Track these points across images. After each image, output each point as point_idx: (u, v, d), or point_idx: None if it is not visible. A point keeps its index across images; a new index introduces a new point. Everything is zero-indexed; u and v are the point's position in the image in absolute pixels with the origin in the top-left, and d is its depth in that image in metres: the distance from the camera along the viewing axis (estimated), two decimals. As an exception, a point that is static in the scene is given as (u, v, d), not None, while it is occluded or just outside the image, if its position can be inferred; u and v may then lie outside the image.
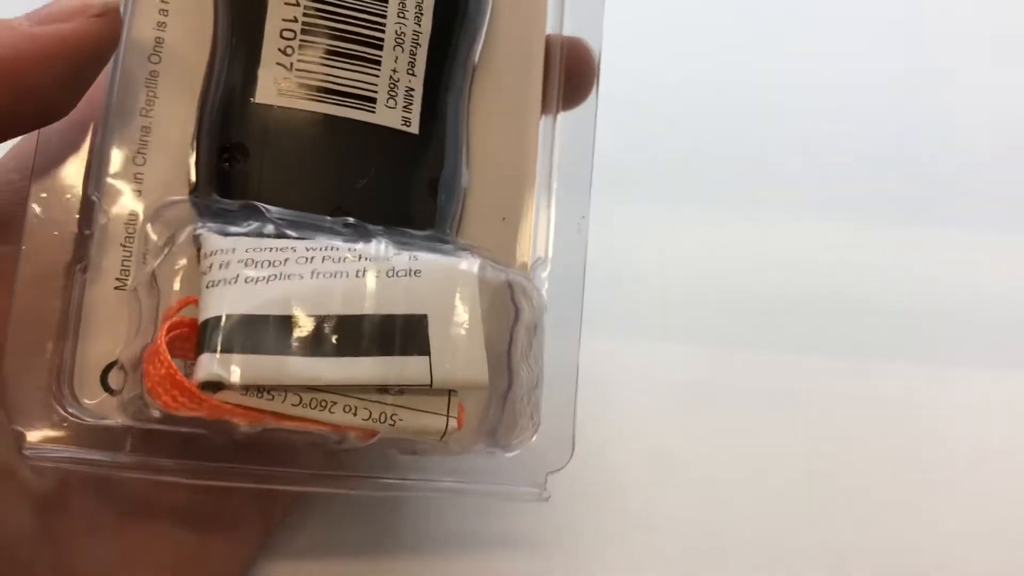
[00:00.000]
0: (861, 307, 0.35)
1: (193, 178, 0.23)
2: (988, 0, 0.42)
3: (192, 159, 0.23)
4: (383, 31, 0.24)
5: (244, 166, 0.23)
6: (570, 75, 0.27)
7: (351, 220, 0.23)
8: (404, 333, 0.20)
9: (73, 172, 0.22)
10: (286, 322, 0.20)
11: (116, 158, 0.23)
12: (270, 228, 0.22)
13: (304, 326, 0.20)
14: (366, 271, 0.21)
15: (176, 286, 0.21)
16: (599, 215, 0.27)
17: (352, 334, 0.20)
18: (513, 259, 0.25)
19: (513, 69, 0.26)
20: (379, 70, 0.24)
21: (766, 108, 0.37)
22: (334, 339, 0.20)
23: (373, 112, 0.24)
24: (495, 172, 0.26)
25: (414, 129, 0.24)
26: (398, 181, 0.24)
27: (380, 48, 0.24)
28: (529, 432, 0.23)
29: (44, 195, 0.22)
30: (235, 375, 0.19)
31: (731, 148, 0.37)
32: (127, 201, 0.22)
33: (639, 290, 0.33)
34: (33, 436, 0.21)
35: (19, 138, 0.23)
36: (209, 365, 0.19)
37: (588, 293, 0.25)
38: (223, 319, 0.19)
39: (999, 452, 0.33)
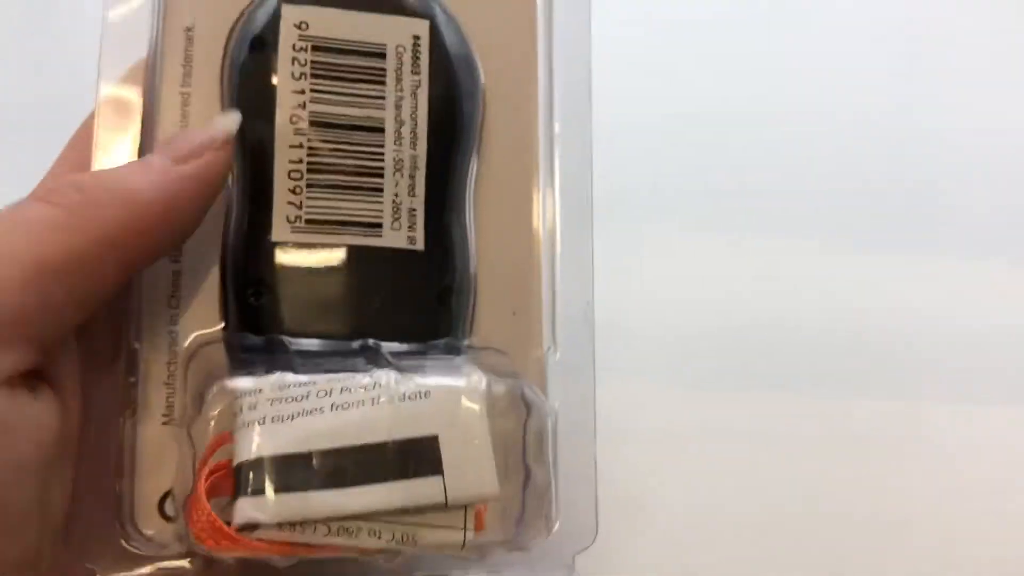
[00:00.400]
0: (856, 345, 0.35)
1: (223, 317, 0.25)
2: (984, 41, 0.42)
3: (220, 299, 0.25)
4: (382, 160, 0.26)
5: (267, 302, 0.25)
6: None
7: (370, 343, 0.25)
8: (417, 455, 0.22)
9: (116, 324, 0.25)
10: (309, 458, 0.22)
11: (152, 305, 0.25)
12: (295, 364, 0.24)
13: (325, 461, 0.22)
14: (379, 399, 0.23)
15: (211, 433, 0.23)
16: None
17: (369, 463, 0.22)
18: (526, 352, 0.27)
19: (510, 164, 0.28)
20: (382, 197, 0.26)
21: (761, 147, 0.38)
22: (353, 470, 0.22)
23: (380, 236, 0.25)
24: (502, 266, 0.28)
25: (420, 246, 0.26)
26: (410, 297, 0.26)
27: (381, 176, 0.26)
28: (544, 532, 0.25)
29: (92, 352, 0.24)
30: (269, 516, 0.21)
31: (722, 189, 0.38)
32: (166, 344, 0.25)
33: (623, 332, 0.34)
34: (103, 573, 0.23)
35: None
36: (244, 510, 0.21)
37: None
38: (253, 461, 0.22)
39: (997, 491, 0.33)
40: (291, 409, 0.23)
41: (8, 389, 0.20)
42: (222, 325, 0.25)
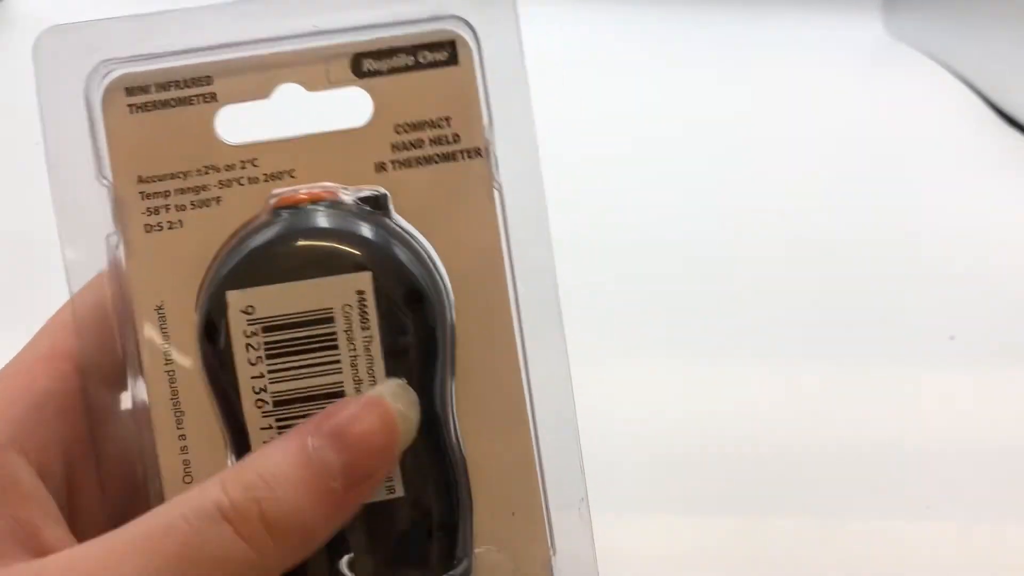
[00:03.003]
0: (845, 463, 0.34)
1: None
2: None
3: None
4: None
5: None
6: None
7: None
8: None
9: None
10: None
11: None
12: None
13: None
14: None
15: None
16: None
17: None
18: (530, 553, 0.28)
19: (489, 367, 0.28)
20: (354, 458, 0.27)
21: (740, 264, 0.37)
22: None
23: (359, 496, 0.27)
24: (497, 469, 0.28)
25: (400, 492, 0.27)
26: (400, 545, 0.27)
27: (349, 440, 0.27)
28: None
29: None
30: None
31: (700, 306, 0.37)
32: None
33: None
34: None
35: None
36: None
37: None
38: None
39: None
40: None
41: None
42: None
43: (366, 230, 0.27)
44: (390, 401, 0.25)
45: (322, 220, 0.27)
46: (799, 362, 0.38)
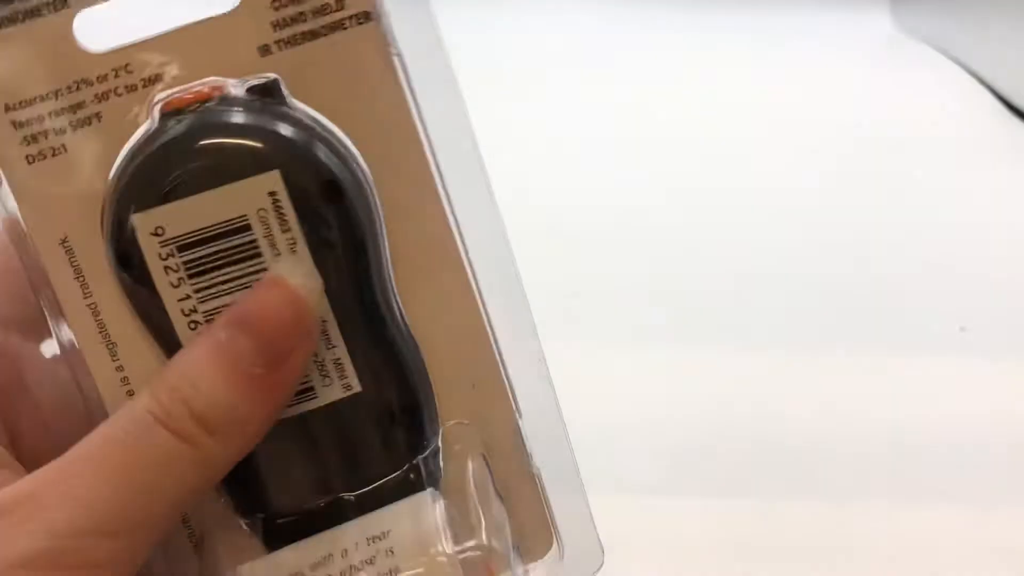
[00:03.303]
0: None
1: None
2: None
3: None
4: (289, 330, 0.26)
5: (248, 490, 0.27)
6: None
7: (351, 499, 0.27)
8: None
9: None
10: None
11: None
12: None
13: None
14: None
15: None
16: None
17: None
18: (496, 421, 0.28)
19: (425, 243, 0.27)
20: (304, 362, 0.26)
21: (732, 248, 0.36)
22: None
23: (316, 397, 0.26)
24: (449, 345, 0.28)
25: (357, 387, 0.27)
26: (366, 436, 0.27)
27: (293, 345, 0.26)
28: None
29: None
30: None
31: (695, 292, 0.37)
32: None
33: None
34: None
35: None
36: None
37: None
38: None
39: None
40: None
41: None
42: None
43: (266, 123, 0.25)
44: (288, 276, 0.25)
45: (215, 121, 0.25)
46: (811, 353, 0.39)
